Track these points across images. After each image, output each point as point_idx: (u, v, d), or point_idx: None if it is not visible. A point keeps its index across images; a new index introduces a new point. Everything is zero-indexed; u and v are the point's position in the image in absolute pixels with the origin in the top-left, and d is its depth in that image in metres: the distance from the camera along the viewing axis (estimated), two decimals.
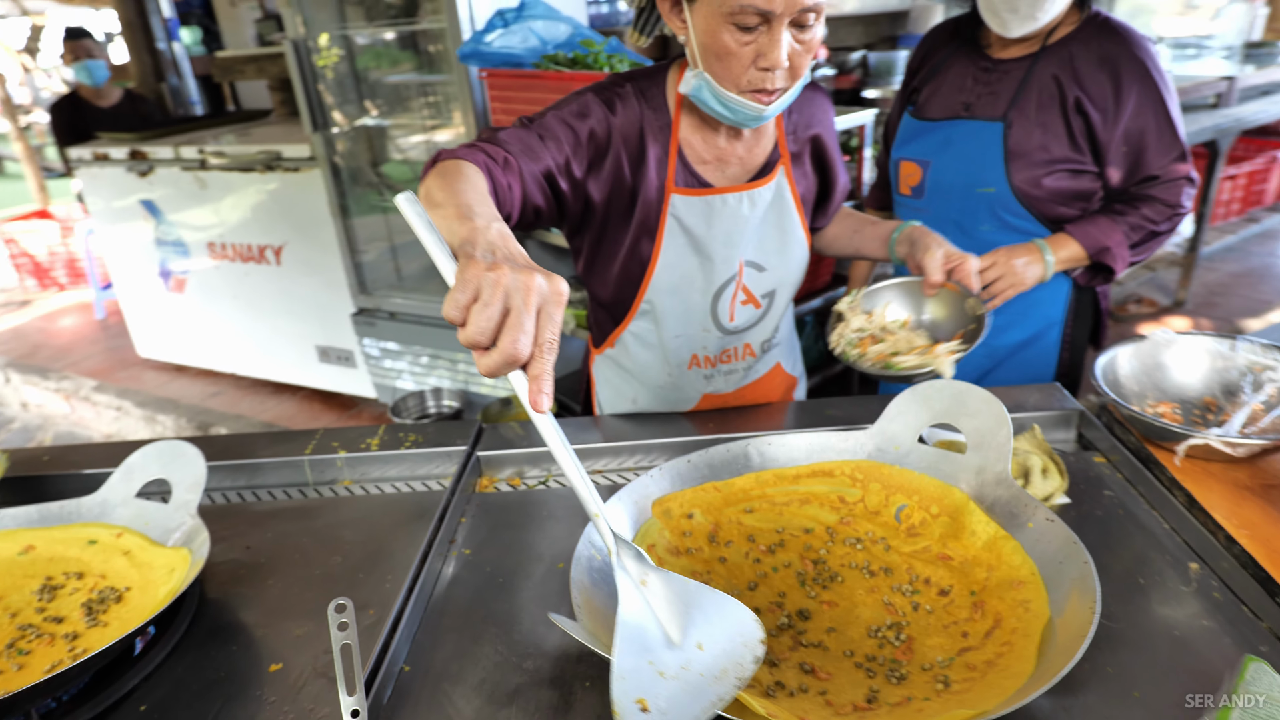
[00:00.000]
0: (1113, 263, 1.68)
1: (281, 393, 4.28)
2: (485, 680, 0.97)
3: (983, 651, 0.89)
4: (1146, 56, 1.62)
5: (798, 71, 1.18)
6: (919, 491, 1.08)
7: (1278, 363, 1.24)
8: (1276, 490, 1.12)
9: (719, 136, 1.33)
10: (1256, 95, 4.37)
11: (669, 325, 1.44)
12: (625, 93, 1.31)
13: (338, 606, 0.83)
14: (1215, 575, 1.06)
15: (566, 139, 1.25)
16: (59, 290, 6.39)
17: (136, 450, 1.28)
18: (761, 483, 1.16)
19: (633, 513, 1.10)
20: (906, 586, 1.00)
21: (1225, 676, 0.84)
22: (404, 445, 1.44)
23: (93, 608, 1.09)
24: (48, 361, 4.90)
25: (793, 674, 0.90)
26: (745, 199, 1.35)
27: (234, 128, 4.32)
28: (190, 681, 1.01)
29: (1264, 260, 5.27)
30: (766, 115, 1.22)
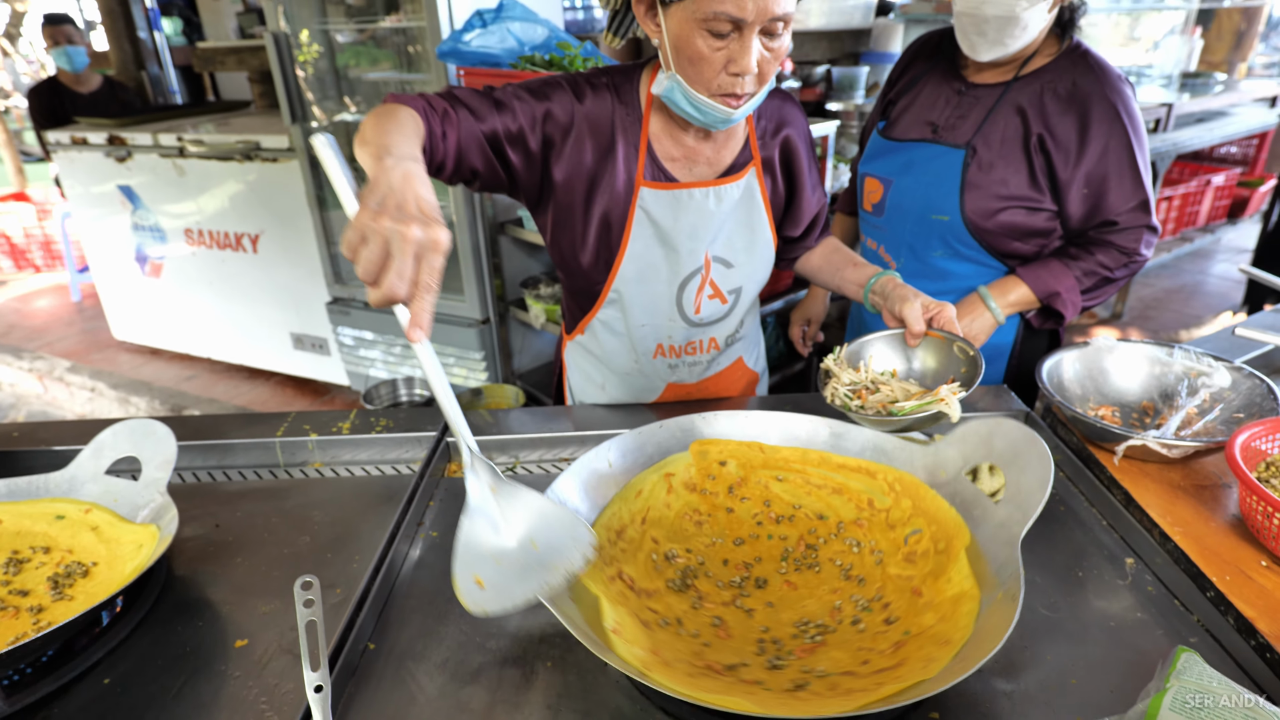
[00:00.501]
0: (1062, 308, 1.60)
1: (255, 378, 4.19)
2: (449, 659, 0.95)
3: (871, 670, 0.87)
4: (1119, 98, 1.51)
5: (765, 77, 1.19)
6: (939, 522, 1.02)
7: (1212, 370, 1.26)
8: (1208, 490, 1.14)
9: (688, 136, 1.33)
10: (1192, 122, 4.49)
11: (635, 314, 1.43)
12: (599, 84, 1.31)
13: (304, 584, 0.81)
14: (1150, 570, 1.07)
15: (523, 112, 1.25)
16: (35, 272, 6.20)
17: (107, 428, 1.24)
18: (806, 460, 1.15)
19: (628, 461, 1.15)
20: (864, 602, 0.96)
21: (1159, 666, 0.85)
22: (375, 429, 1.41)
23: (59, 582, 1.05)
24: (22, 341, 4.74)
25: (703, 624, 0.94)
26: (712, 194, 1.35)
27: (213, 117, 4.22)
28: (156, 656, 0.98)
29: (1195, 277, 5.42)
30: (734, 118, 1.22)
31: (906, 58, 1.84)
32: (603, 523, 1.08)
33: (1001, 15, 1.47)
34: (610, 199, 1.33)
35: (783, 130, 1.41)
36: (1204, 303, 5.01)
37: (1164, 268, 5.47)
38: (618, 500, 1.13)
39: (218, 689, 0.92)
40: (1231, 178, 5.34)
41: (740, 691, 0.81)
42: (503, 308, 3.20)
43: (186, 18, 6.07)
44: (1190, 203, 5.07)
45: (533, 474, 1.36)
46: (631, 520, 1.10)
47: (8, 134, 8.26)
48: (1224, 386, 1.24)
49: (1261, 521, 0.99)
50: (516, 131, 1.26)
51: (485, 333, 3.18)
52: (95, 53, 5.22)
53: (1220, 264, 5.67)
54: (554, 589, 0.87)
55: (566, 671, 0.93)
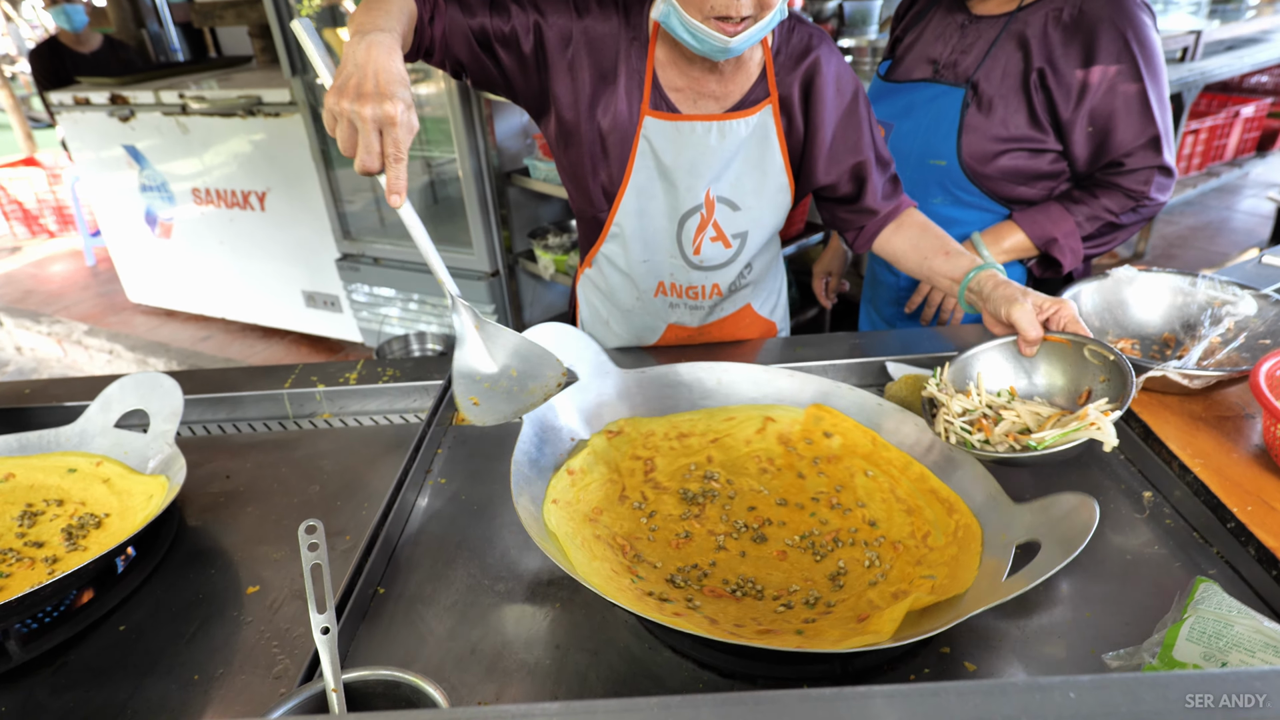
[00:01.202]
0: (1060, 256, 1.50)
1: (270, 337, 4.21)
2: (458, 601, 0.96)
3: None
4: (1129, 23, 1.38)
5: (766, 2, 1.11)
6: (956, 581, 0.87)
7: (1238, 297, 1.22)
8: (1230, 421, 1.11)
9: (693, 67, 1.27)
10: (1221, 50, 4.31)
11: (635, 249, 1.40)
12: (605, 4, 1.26)
13: (308, 528, 0.81)
14: (1168, 503, 1.05)
15: (516, 14, 1.22)
16: (49, 237, 6.22)
17: (113, 382, 1.24)
18: (907, 471, 1.05)
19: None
20: (814, 597, 0.91)
21: (1176, 597, 0.84)
22: (382, 380, 1.40)
23: (72, 533, 1.06)
24: (39, 306, 4.78)
25: (672, 530, 1.01)
26: (715, 129, 1.29)
27: (215, 73, 4.16)
28: (169, 603, 0.99)
29: (1221, 214, 5.28)
30: (733, 47, 1.15)
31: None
32: (675, 421, 1.17)
33: None
34: (614, 124, 1.28)
35: (804, 62, 1.30)
36: (1230, 239, 4.88)
37: (1188, 204, 5.32)
38: (705, 414, 1.18)
39: (230, 634, 0.93)
40: (1262, 109, 5.15)
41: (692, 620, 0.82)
42: (511, 259, 3.17)
43: None
44: (1217, 136, 4.91)
45: None
46: (703, 433, 1.15)
47: (14, 99, 8.22)
48: (1249, 314, 1.20)
49: None
50: (508, 32, 1.23)
51: (495, 285, 3.15)
52: (95, 10, 5.15)
53: (1248, 199, 5.51)
54: (532, 407, 1.01)
55: (574, 611, 0.93)
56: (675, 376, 1.21)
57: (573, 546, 0.94)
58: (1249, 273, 1.57)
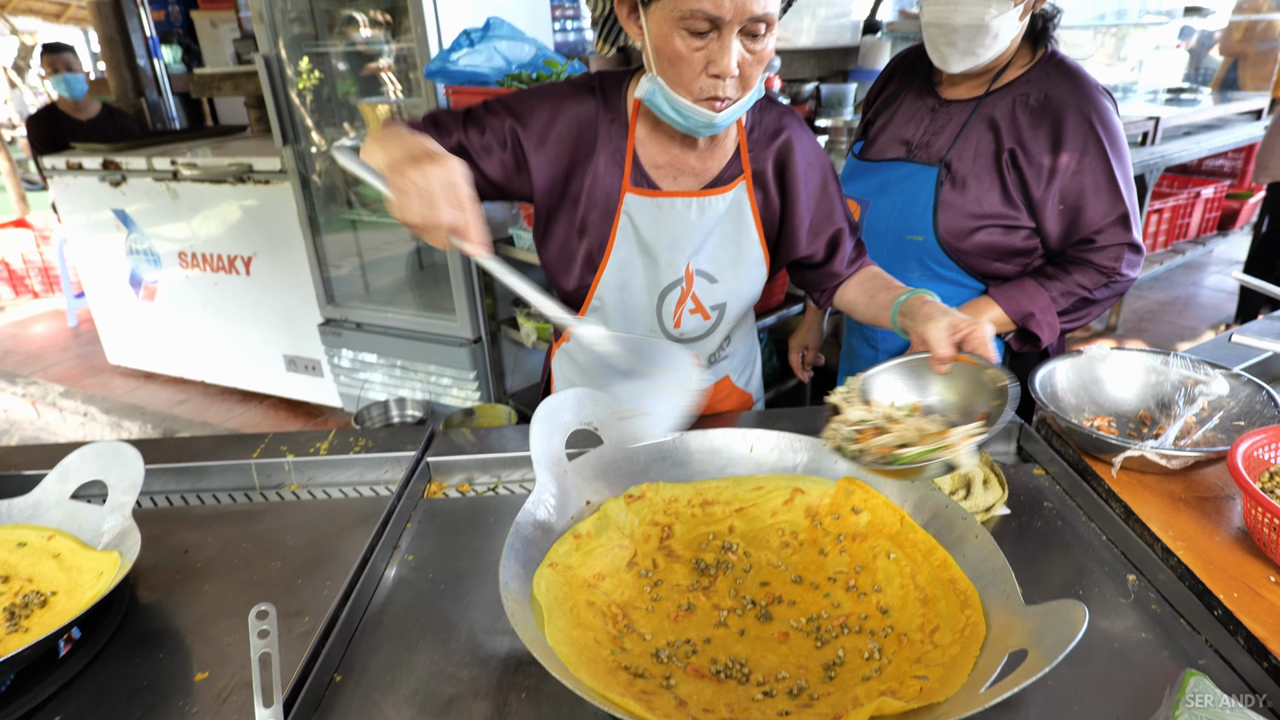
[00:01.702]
0: (1038, 330, 1.50)
1: (249, 401, 4.14)
2: (419, 690, 0.90)
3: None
4: (1093, 108, 1.42)
5: (749, 81, 1.14)
6: (947, 685, 0.80)
7: (1210, 377, 1.21)
8: (1210, 503, 1.09)
9: (673, 144, 1.29)
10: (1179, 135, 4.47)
11: (616, 324, 1.39)
12: (583, 86, 1.28)
13: (259, 613, 0.75)
14: (1153, 587, 1.02)
15: (491, 125, 1.26)
16: (34, 298, 6.16)
17: (74, 451, 1.19)
18: (931, 556, 0.99)
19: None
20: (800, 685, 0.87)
21: (1166, 691, 0.80)
22: (354, 450, 1.36)
23: (15, 612, 1.00)
24: (17, 367, 4.69)
25: (675, 603, 0.98)
26: (695, 205, 1.30)
27: (209, 141, 4.19)
28: (112, 690, 0.92)
29: (1188, 290, 5.38)
30: (717, 123, 1.16)
31: (884, 76, 1.77)
32: (700, 487, 1.13)
33: (970, 24, 1.41)
34: (593, 203, 1.29)
35: (777, 140, 1.33)
36: (1198, 314, 4.97)
37: (1156, 280, 5.43)
38: (733, 481, 1.14)
39: None
40: (1221, 190, 5.32)
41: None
42: (494, 326, 3.16)
43: (186, 45, 6.08)
44: (1180, 215, 5.05)
45: (514, 493, 1.31)
46: (728, 502, 1.12)
47: (10, 162, 8.27)
48: (1222, 394, 1.19)
49: (1268, 535, 0.94)
50: (485, 143, 1.25)
51: (477, 352, 3.13)
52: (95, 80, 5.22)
53: (1213, 276, 5.64)
54: (685, 409, 1.07)
55: (541, 703, 0.88)
56: (705, 441, 1.17)
57: (557, 613, 0.89)
58: (1220, 351, 1.57)
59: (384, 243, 3.65)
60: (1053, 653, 0.70)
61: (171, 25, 5.98)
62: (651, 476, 1.14)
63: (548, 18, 2.99)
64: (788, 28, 3.55)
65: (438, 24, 2.58)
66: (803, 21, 3.61)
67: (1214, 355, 1.41)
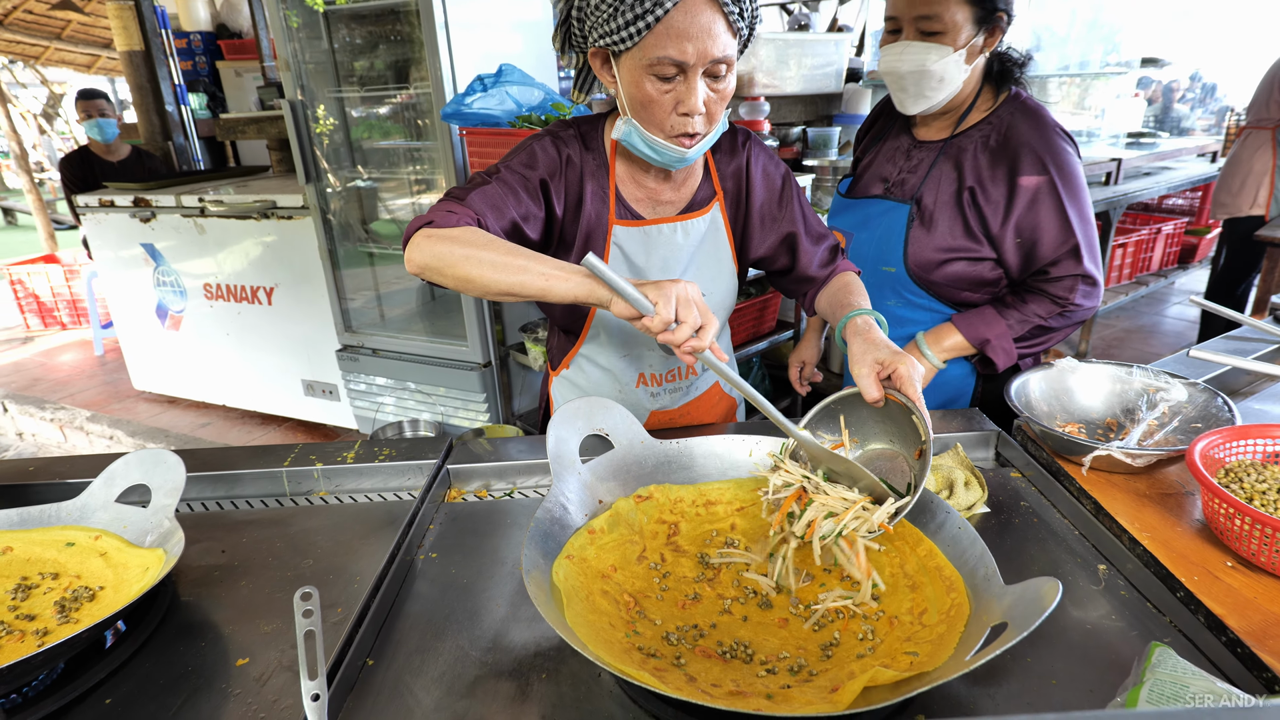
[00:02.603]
0: (994, 355, 1.53)
1: (268, 423, 4.15)
2: (445, 673, 0.92)
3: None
4: (1046, 147, 1.46)
5: (714, 117, 1.19)
6: (933, 661, 0.83)
7: (1169, 385, 1.26)
8: (1173, 498, 1.13)
9: (649, 178, 1.35)
10: (1140, 175, 4.58)
11: (616, 346, 1.44)
12: (566, 134, 1.33)
13: (303, 595, 0.78)
14: (1121, 575, 1.05)
15: (523, 189, 1.27)
16: (61, 329, 6.18)
17: (120, 458, 1.22)
18: (918, 546, 1.02)
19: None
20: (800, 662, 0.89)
21: (1135, 662, 0.83)
22: (379, 459, 1.39)
23: (65, 606, 1.02)
24: (46, 393, 4.70)
25: (683, 591, 1.01)
26: (680, 229, 1.36)
27: (234, 181, 4.26)
28: (157, 676, 0.94)
29: (1153, 319, 5.46)
30: (689, 157, 1.22)
31: (870, 118, 1.83)
32: (704, 489, 1.17)
33: (915, 70, 1.47)
34: (586, 238, 1.34)
35: (737, 158, 1.39)
36: (1162, 341, 5.04)
37: (1122, 310, 5.52)
38: (734, 483, 1.18)
39: (217, 707, 0.88)
40: (1180, 226, 5.42)
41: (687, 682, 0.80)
42: (504, 352, 3.20)
43: (212, 93, 6.17)
44: (1143, 249, 5.14)
45: (529, 498, 1.34)
46: (730, 502, 1.16)
47: (41, 203, 8.34)
48: (1181, 400, 1.24)
49: (1224, 523, 0.98)
50: (524, 212, 1.27)
51: (487, 375, 3.16)
52: (125, 125, 5.30)
53: (1175, 306, 5.72)
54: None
55: (560, 683, 0.90)
56: (708, 447, 1.21)
57: (576, 600, 0.92)
58: (1179, 366, 1.62)
59: (398, 276, 3.70)
60: (1028, 622, 0.74)
61: (199, 74, 6.08)
62: (659, 479, 1.18)
63: (554, 64, 3.08)
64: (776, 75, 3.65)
65: (452, 71, 2.66)
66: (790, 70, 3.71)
67: (1174, 369, 1.46)
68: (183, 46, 5.72)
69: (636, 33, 1.09)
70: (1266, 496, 1.01)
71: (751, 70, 3.34)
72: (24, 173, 8.65)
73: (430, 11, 2.55)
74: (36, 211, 8.29)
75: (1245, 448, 1.10)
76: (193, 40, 5.77)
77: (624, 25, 1.09)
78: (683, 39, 1.08)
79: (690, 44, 1.08)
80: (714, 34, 1.09)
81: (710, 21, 1.09)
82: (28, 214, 9.92)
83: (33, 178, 8.65)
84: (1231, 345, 1.78)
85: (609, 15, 1.10)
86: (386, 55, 3.12)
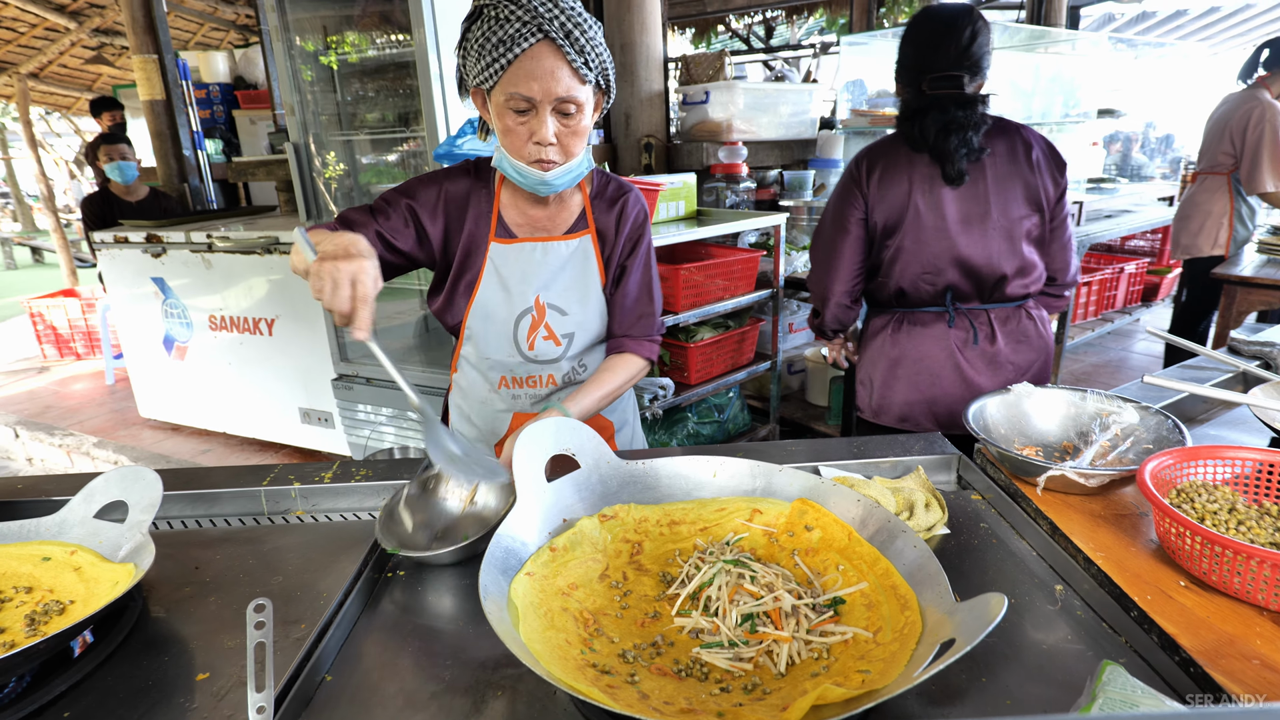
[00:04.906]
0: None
1: (266, 450, 4.10)
2: (403, 689, 0.88)
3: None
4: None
5: (569, 150, 1.32)
6: (883, 677, 0.79)
7: (1121, 409, 1.23)
8: (1127, 519, 1.10)
9: (528, 205, 1.47)
10: (1101, 218, 4.62)
11: (482, 347, 1.52)
12: (459, 172, 1.48)
13: (256, 606, 0.75)
14: (1077, 595, 1.02)
15: (396, 209, 1.42)
16: (76, 359, 6.14)
17: (99, 476, 1.18)
18: (875, 567, 0.98)
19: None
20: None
21: (1087, 680, 0.79)
22: (355, 478, 1.36)
23: (35, 619, 0.98)
24: (56, 420, 4.64)
25: (643, 610, 0.97)
26: (539, 248, 1.47)
27: (242, 219, 4.27)
28: (119, 689, 0.90)
29: (1119, 354, 5.46)
30: (550, 181, 1.33)
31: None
32: (668, 509, 1.14)
33: None
34: (466, 254, 1.46)
35: (616, 205, 1.51)
36: (1128, 375, 5.03)
37: (1090, 345, 5.52)
38: (698, 504, 1.15)
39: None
40: (1142, 265, 5.47)
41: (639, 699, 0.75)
42: None
43: (227, 139, 6.23)
44: (1107, 288, 5.17)
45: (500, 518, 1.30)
46: (694, 522, 1.12)
47: (64, 240, 8.37)
48: (1133, 423, 1.21)
49: (1176, 542, 0.95)
50: (392, 227, 1.41)
51: None
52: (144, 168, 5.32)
53: (1141, 342, 5.73)
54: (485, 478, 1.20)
55: (516, 700, 0.86)
56: (673, 468, 1.19)
57: (534, 616, 0.88)
58: (1134, 392, 1.60)
59: (397, 311, 3.69)
60: (974, 636, 0.70)
61: (216, 122, 6.15)
62: (624, 498, 1.15)
63: None
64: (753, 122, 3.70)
65: (446, 114, 2.68)
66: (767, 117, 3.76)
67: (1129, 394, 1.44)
68: (202, 96, 5.80)
69: (495, 73, 1.24)
70: (1218, 516, 0.99)
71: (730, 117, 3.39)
72: (50, 213, 8.70)
73: (426, 64, 2.59)
74: (60, 249, 8.33)
75: (1195, 468, 1.08)
76: (211, 91, 5.86)
77: (486, 66, 1.25)
78: (530, 79, 1.23)
79: (536, 83, 1.23)
80: (557, 77, 1.23)
81: (554, 66, 1.23)
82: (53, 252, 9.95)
83: (58, 218, 8.69)
84: (1188, 374, 1.76)
85: (477, 58, 1.26)
86: (390, 105, 3.15)
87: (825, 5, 9.07)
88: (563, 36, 1.22)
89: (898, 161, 1.79)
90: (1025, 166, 1.75)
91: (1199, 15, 7.94)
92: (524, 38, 1.21)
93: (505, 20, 1.22)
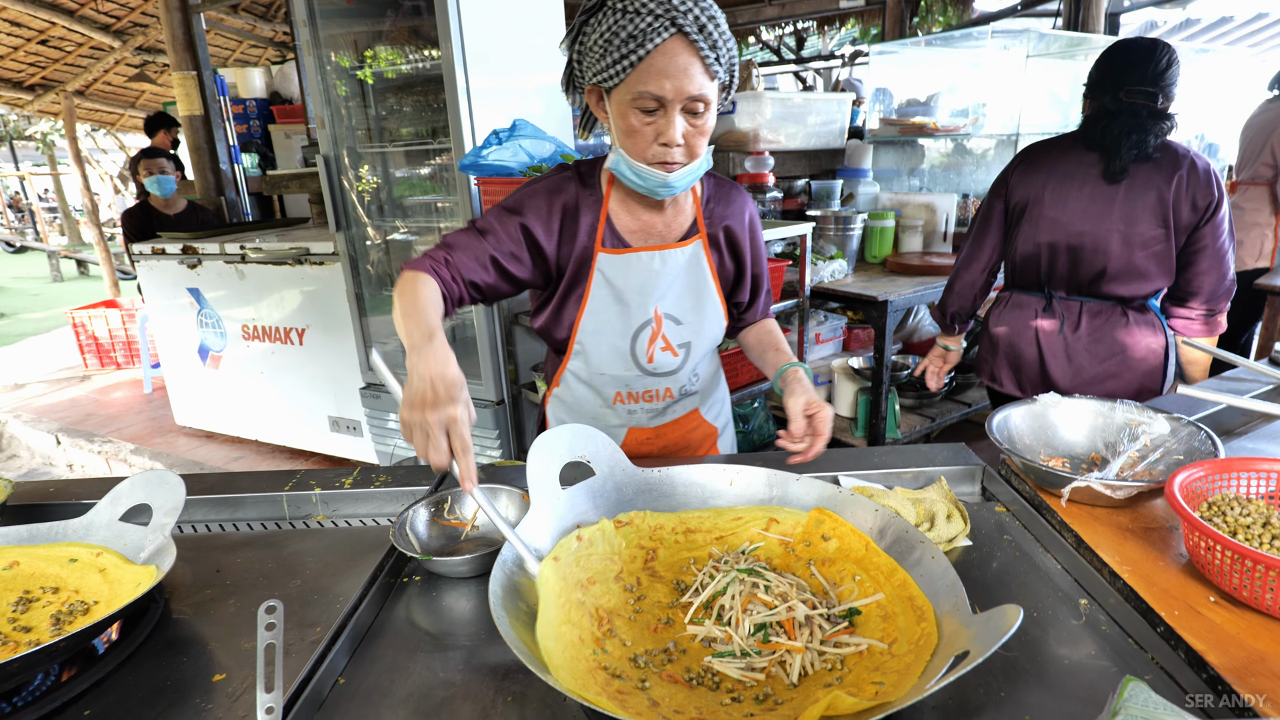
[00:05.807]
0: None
1: (296, 457, 4.17)
2: (414, 694, 0.89)
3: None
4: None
5: (694, 150, 1.24)
6: (897, 690, 0.78)
7: (1152, 419, 1.20)
8: (1156, 533, 1.07)
9: (641, 210, 1.39)
10: None
11: (595, 363, 1.46)
12: (564, 176, 1.39)
13: (268, 608, 0.76)
14: (1103, 609, 0.99)
15: (508, 230, 1.33)
16: (116, 368, 6.32)
17: (125, 479, 1.22)
18: (892, 577, 0.96)
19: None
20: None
21: (1110, 697, 0.77)
22: (375, 484, 1.37)
23: (60, 619, 1.00)
24: (95, 427, 4.78)
25: (656, 614, 0.97)
26: (656, 257, 1.39)
27: (275, 230, 4.37)
28: (138, 689, 0.92)
29: None
30: (672, 183, 1.25)
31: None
32: (684, 517, 1.13)
33: None
34: (574, 266, 1.38)
35: (727, 212, 1.45)
36: None
37: None
38: (714, 512, 1.14)
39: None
40: None
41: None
42: (515, 390, 3.19)
43: (263, 153, 6.40)
44: None
45: None
46: (709, 530, 1.12)
47: (107, 253, 8.64)
48: (1163, 434, 1.18)
49: (1206, 557, 0.92)
50: (509, 253, 1.33)
51: (500, 413, 3.15)
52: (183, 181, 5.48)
53: None
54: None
55: (526, 706, 0.86)
56: (689, 476, 1.18)
57: (553, 607, 0.89)
58: (1169, 403, 1.56)
59: None
60: (988, 648, 0.69)
61: (252, 136, 6.31)
62: (639, 506, 1.14)
63: (569, 120, 3.14)
64: (780, 132, 3.69)
65: (472, 128, 2.72)
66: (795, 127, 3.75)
67: (1161, 404, 1.40)
68: (239, 112, 5.96)
69: (622, 70, 1.16)
70: (1251, 531, 0.95)
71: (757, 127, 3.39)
72: (94, 227, 8.99)
73: (453, 78, 2.63)
74: (103, 261, 8.59)
75: (1228, 481, 1.05)
76: (248, 106, 6.01)
77: (612, 64, 1.17)
78: (662, 77, 1.15)
79: (669, 81, 1.15)
80: (690, 74, 1.15)
81: (687, 63, 1.15)
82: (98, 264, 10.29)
83: (102, 232, 8.98)
84: (1226, 385, 1.71)
85: (600, 55, 1.18)
86: (421, 119, 3.21)
87: (857, 16, 9.04)
88: (697, 30, 1.13)
89: (1047, 154, 1.98)
90: (1166, 184, 1.84)
91: (1246, 21, 7.75)
92: (656, 33, 1.12)
93: (635, 13, 1.12)
